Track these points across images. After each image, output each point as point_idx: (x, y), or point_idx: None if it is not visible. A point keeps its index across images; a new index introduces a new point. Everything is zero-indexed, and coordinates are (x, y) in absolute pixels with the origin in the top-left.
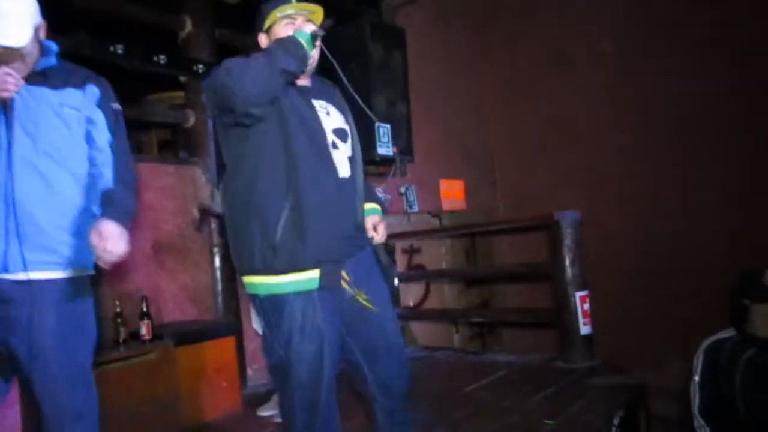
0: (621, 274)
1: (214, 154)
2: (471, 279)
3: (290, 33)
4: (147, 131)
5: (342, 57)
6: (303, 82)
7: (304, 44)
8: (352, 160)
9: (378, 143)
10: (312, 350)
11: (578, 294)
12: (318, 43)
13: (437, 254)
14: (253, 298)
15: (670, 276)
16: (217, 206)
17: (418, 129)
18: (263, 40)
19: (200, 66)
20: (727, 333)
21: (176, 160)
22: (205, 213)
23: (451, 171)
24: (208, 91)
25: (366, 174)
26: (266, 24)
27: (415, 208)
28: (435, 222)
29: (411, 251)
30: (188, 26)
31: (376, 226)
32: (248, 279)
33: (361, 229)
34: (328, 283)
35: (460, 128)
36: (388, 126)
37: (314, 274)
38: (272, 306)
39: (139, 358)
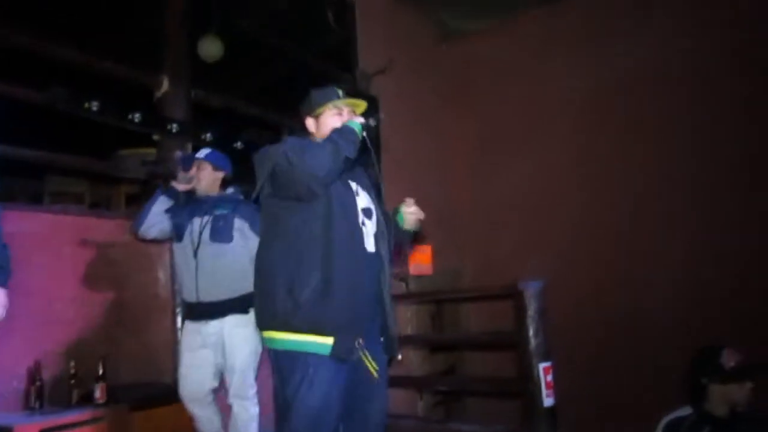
0: (585, 343)
1: None
2: (436, 345)
3: (338, 123)
4: (116, 185)
5: None
6: None
7: (358, 133)
8: (377, 236)
9: None
10: (316, 404)
11: (542, 365)
12: (364, 133)
13: (403, 319)
14: (270, 351)
15: (633, 347)
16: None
17: (389, 193)
18: (311, 123)
19: (174, 125)
20: (685, 411)
21: None
22: None
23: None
24: (262, 166)
25: None
26: (317, 111)
27: None
28: (401, 286)
29: None
30: (165, 85)
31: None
32: (267, 333)
33: (380, 301)
34: (340, 353)
35: (430, 193)
36: None
37: (329, 340)
38: (287, 359)
39: (91, 423)
